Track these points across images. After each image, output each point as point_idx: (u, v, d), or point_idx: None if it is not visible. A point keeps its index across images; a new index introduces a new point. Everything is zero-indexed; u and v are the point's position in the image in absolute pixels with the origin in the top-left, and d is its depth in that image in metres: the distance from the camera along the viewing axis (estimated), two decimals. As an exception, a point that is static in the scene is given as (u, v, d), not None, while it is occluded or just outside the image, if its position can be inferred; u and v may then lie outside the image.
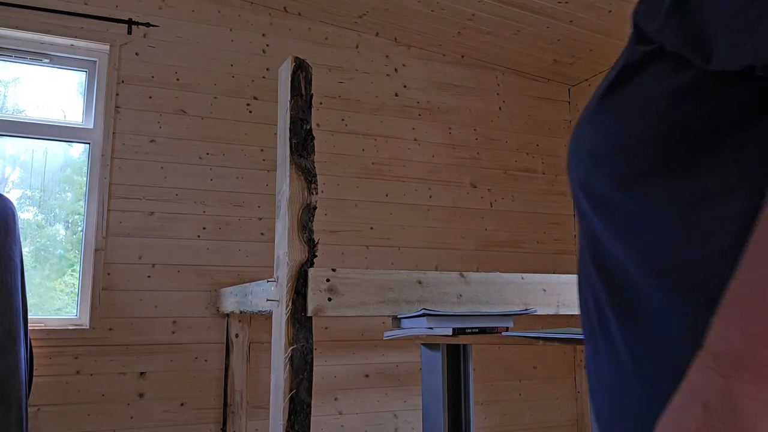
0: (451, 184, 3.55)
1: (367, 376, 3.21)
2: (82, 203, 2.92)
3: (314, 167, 1.65)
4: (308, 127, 1.65)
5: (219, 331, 2.95)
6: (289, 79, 1.65)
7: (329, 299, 1.62)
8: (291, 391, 1.53)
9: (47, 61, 2.93)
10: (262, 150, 3.16)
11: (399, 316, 1.72)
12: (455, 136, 3.61)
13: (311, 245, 1.62)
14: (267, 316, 2.96)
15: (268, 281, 2.04)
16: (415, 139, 3.51)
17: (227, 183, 3.07)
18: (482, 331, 1.70)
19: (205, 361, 2.91)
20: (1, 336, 1.88)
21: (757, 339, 0.49)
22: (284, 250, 1.60)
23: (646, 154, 0.62)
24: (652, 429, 0.60)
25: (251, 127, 3.16)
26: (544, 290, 1.94)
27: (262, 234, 3.08)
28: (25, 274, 2.27)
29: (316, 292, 1.60)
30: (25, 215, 2.85)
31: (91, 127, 2.94)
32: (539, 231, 3.73)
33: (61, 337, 2.69)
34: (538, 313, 1.88)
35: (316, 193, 1.64)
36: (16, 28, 2.77)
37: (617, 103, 0.67)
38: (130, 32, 2.98)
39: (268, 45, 3.26)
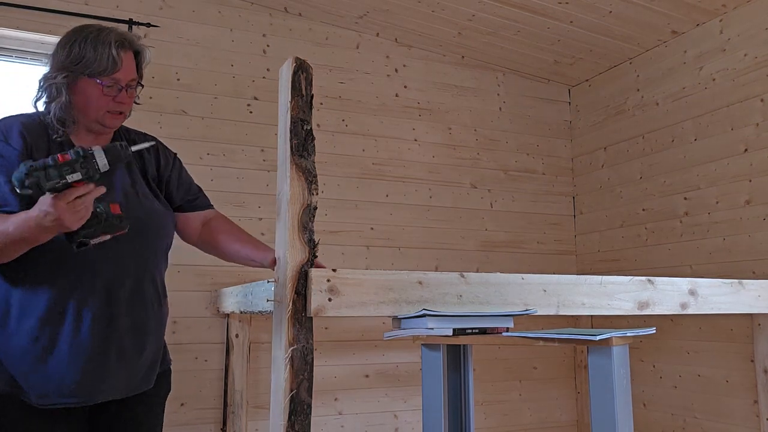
0: (451, 184, 3.55)
1: (367, 376, 3.21)
2: (82, 203, 2.91)
3: (315, 168, 1.65)
4: (309, 128, 1.65)
5: (219, 331, 2.95)
6: (290, 79, 1.65)
7: (330, 299, 1.62)
8: (291, 391, 1.53)
9: (47, 61, 2.93)
10: (262, 150, 3.16)
11: (399, 317, 1.72)
12: (455, 136, 3.61)
13: (312, 245, 1.62)
14: (267, 316, 2.96)
15: (268, 281, 2.04)
16: (416, 140, 3.51)
17: (228, 183, 3.07)
18: (482, 331, 1.70)
19: (206, 361, 2.91)
20: None
21: None
22: (284, 251, 1.60)
23: None
24: None
25: (252, 127, 3.16)
26: (545, 290, 1.94)
27: (263, 234, 3.08)
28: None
29: (316, 293, 1.60)
30: (25, 215, 2.85)
31: (92, 127, 2.94)
32: (539, 231, 3.73)
33: (61, 337, 2.69)
34: (538, 313, 1.88)
35: (317, 194, 1.64)
36: (17, 28, 2.77)
37: None
38: (130, 32, 2.98)
39: (268, 45, 3.26)
